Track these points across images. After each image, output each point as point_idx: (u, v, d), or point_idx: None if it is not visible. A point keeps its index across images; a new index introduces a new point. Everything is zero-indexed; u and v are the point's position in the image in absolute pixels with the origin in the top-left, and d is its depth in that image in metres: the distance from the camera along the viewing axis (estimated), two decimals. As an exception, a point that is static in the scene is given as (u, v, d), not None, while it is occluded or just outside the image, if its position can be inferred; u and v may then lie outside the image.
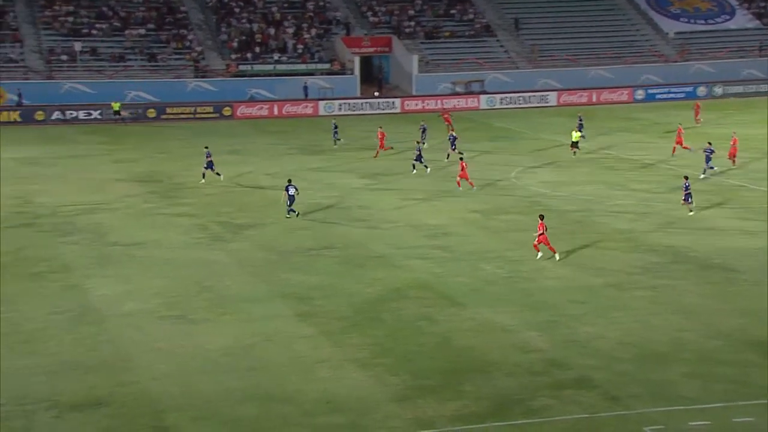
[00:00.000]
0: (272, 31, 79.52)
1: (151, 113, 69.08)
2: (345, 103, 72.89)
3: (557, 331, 25.96)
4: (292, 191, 38.50)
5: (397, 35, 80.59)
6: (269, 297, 29.26)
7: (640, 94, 77.32)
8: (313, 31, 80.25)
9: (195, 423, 20.85)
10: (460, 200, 42.41)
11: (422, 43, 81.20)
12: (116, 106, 67.67)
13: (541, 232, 32.17)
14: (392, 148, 53.13)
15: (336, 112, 71.44)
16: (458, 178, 43.84)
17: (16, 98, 68.16)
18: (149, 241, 35.84)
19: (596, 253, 33.46)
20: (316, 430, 20.52)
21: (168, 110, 69.33)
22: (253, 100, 72.65)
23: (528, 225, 35.74)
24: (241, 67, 75.62)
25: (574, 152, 52.22)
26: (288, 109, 71.85)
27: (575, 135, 52.89)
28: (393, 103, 74.26)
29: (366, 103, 73.38)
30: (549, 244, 32.29)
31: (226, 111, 70.40)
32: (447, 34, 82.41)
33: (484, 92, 76.35)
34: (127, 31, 76.85)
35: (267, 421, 20.94)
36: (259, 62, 76.62)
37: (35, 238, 36.08)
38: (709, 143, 46.30)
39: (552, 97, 76.29)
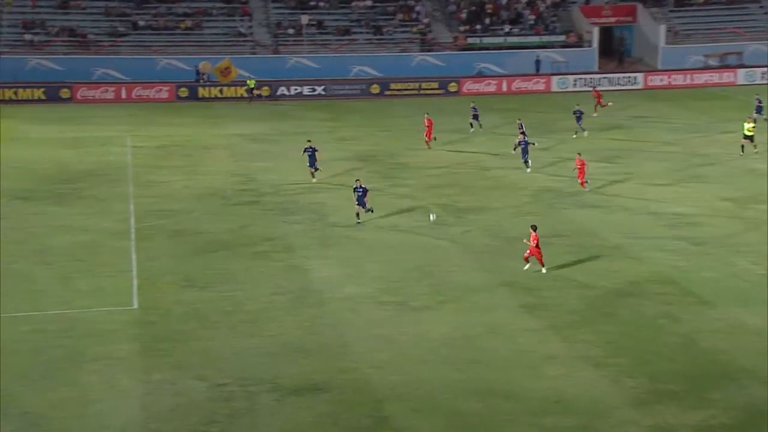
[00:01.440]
0: (504, 0, 79.19)
1: (375, 89, 70.58)
2: (580, 79, 71.57)
3: (819, 337, 24.48)
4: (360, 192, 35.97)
5: (643, 3, 78.21)
6: (492, 286, 29.29)
7: None
8: (549, 0, 79.23)
9: (415, 415, 21.20)
10: (709, 186, 40.77)
11: (671, 11, 78.43)
12: (251, 83, 69.16)
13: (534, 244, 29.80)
14: (435, 138, 50.60)
15: (570, 89, 70.34)
16: (580, 180, 40.63)
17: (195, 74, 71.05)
18: (370, 223, 36.69)
19: None
20: (545, 431, 20.37)
21: (392, 86, 70.60)
22: (480, 76, 72.71)
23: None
24: (470, 40, 75.78)
25: (753, 146, 46.02)
26: (518, 85, 71.42)
27: (748, 126, 46.19)
28: (635, 78, 72.18)
29: (604, 78, 71.72)
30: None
31: (452, 87, 70.84)
32: (701, 0, 79.13)
33: (742, 66, 72.82)
34: (353, 3, 78.76)
35: (490, 418, 20.99)
36: (488, 35, 76.56)
37: (258, 217, 37.78)
38: None
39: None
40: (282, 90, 70.06)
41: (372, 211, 36.40)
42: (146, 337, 25.58)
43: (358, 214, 36.13)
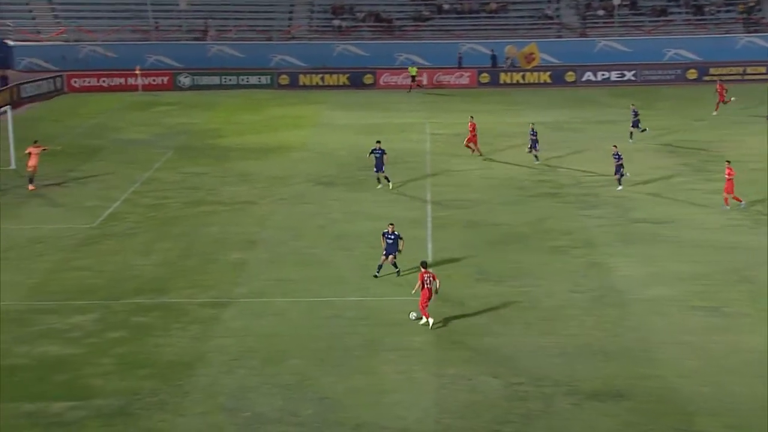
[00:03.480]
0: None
1: (692, 74, 68.07)
2: None
3: None
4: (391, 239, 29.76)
5: None
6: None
7: None
8: None
9: (729, 432, 20.32)
10: None
11: None
12: (413, 71, 68.28)
13: None
14: (480, 154, 46.25)
15: None
16: (725, 194, 36.60)
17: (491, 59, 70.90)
18: (679, 219, 35.45)
19: None
20: None
21: (711, 71, 67.79)
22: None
23: None
24: (801, 21, 71.41)
25: None
26: None
27: None
28: None
29: None
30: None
31: (781, 71, 67.13)
32: None
33: None
34: (671, -19, 76.42)
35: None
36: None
37: (558, 209, 37.50)
38: None
39: None
40: (588, 75, 69.07)
41: (397, 270, 29.91)
42: (441, 329, 26.09)
43: (380, 267, 29.88)
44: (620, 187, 39.64)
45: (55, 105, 63.55)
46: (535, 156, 44.95)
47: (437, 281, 26.38)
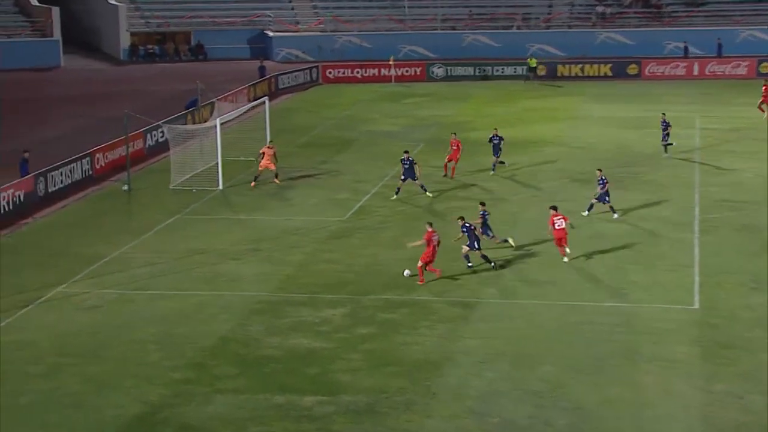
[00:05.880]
0: None
1: None
2: None
3: None
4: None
5: None
6: None
7: None
8: None
9: None
10: None
11: None
12: (533, 62, 66.25)
13: None
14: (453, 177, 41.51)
15: None
16: None
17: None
18: None
19: None
20: None
21: None
22: None
23: None
24: None
25: None
26: None
27: None
28: None
29: None
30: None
31: None
32: None
33: None
34: None
35: None
36: None
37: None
38: None
39: None
40: None
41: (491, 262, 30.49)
42: (707, 341, 25.18)
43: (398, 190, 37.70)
44: None
45: (310, 96, 66.04)
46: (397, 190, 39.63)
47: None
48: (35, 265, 32.14)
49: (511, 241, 32.43)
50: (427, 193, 39.11)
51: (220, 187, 41.01)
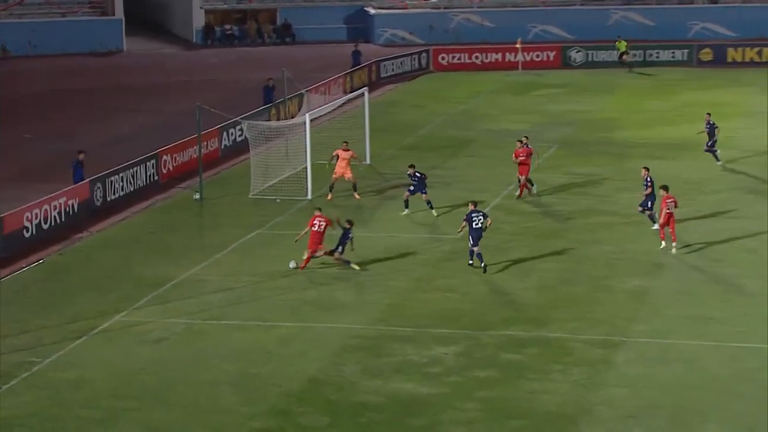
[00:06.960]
0: None
1: None
2: None
3: None
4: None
5: None
6: None
7: None
8: None
9: None
10: None
11: None
12: (622, 46, 65.85)
13: None
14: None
15: None
16: None
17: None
18: None
19: None
20: None
21: None
22: None
23: None
24: None
25: None
26: None
27: None
28: None
29: None
30: None
31: None
32: None
33: None
34: None
35: None
36: None
37: None
38: None
39: None
40: None
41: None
42: None
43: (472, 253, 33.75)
44: None
45: (418, 86, 66.26)
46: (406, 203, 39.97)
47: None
48: (90, 288, 32.85)
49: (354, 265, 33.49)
50: (433, 211, 39.05)
51: (309, 196, 41.41)
